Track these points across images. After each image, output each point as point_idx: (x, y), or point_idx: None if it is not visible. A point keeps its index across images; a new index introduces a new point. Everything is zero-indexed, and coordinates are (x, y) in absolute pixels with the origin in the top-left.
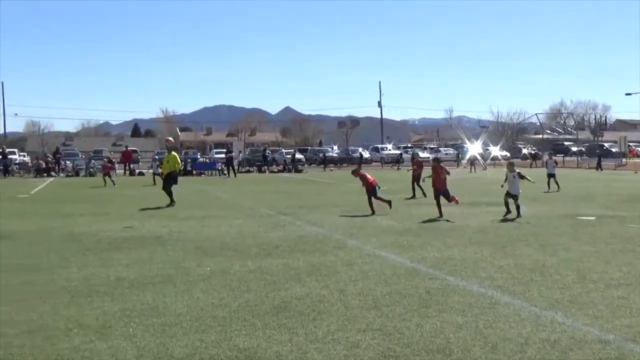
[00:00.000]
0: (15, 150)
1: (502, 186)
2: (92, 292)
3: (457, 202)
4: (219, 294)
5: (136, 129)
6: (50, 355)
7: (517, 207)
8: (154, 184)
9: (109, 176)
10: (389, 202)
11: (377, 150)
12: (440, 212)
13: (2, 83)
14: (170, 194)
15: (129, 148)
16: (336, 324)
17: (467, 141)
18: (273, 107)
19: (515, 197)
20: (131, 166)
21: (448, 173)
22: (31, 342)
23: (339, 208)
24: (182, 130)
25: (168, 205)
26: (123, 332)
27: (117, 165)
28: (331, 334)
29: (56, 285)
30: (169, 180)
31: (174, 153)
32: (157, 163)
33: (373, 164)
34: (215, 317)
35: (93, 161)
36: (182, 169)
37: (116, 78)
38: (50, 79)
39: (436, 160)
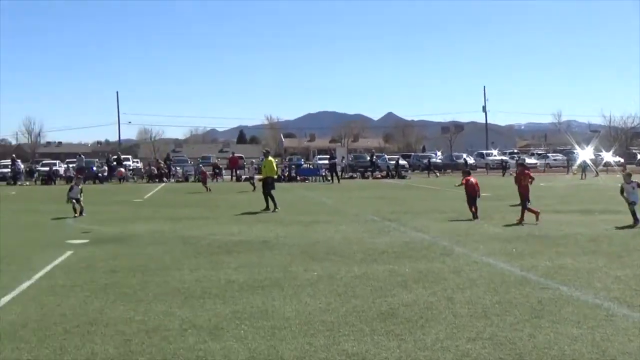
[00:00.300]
0: (129, 156)
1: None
2: (204, 294)
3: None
4: (326, 298)
5: (242, 136)
6: (167, 354)
7: (634, 214)
8: (254, 189)
9: (204, 183)
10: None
11: (481, 156)
12: (523, 216)
13: (117, 92)
14: (267, 199)
15: (235, 154)
16: (445, 332)
17: (577, 147)
18: (375, 113)
19: (633, 203)
20: (237, 172)
21: (532, 179)
22: (149, 340)
23: (444, 214)
24: (286, 136)
25: (264, 210)
26: (234, 333)
27: (224, 172)
28: (440, 341)
29: (170, 287)
30: (267, 186)
31: (270, 158)
32: (255, 167)
33: (478, 170)
34: (324, 321)
35: (201, 167)
36: (277, 175)
37: (223, 86)
38: (161, 87)
39: (521, 165)
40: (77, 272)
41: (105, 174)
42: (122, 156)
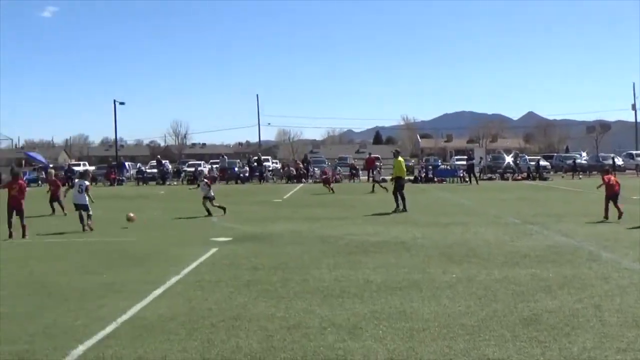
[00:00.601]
0: (269, 157)
1: None
2: (343, 293)
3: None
4: (465, 301)
5: (378, 136)
6: (308, 351)
7: None
8: (387, 190)
9: (327, 184)
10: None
11: (631, 156)
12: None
13: (257, 95)
14: (397, 199)
15: (372, 155)
16: (592, 341)
17: None
18: (515, 113)
19: None
20: (374, 173)
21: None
22: (290, 337)
23: (588, 217)
24: (422, 137)
25: (393, 211)
26: (373, 333)
27: (360, 172)
28: (587, 351)
29: (309, 285)
30: (396, 186)
31: (400, 159)
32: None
33: (627, 171)
34: (463, 325)
35: (339, 168)
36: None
37: (359, 87)
38: (299, 89)
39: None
40: (222, 269)
41: (247, 174)
42: (262, 157)
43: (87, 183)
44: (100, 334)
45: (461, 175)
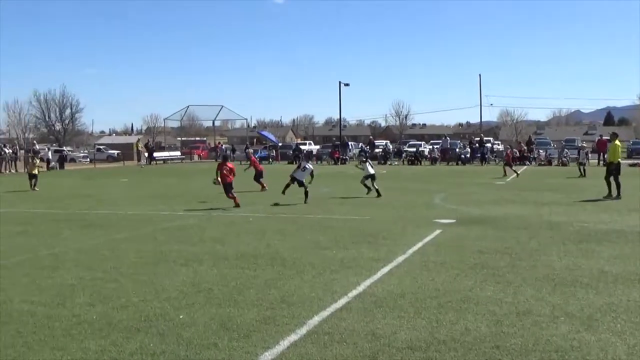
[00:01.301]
0: (490, 138)
1: None
2: (575, 282)
3: None
4: None
5: (609, 117)
6: (540, 339)
7: None
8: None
9: (510, 166)
10: None
11: None
12: None
13: (480, 75)
14: (609, 185)
15: (603, 137)
16: None
17: None
18: None
19: None
20: (605, 156)
21: None
22: (520, 323)
23: None
24: None
25: (605, 197)
26: (610, 326)
27: (590, 156)
28: None
29: (538, 272)
30: (609, 171)
31: (617, 142)
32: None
33: None
34: None
35: (566, 150)
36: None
37: (588, 65)
38: (523, 68)
39: None
40: (447, 250)
41: (468, 155)
42: (484, 138)
43: (311, 167)
44: (333, 306)
45: None
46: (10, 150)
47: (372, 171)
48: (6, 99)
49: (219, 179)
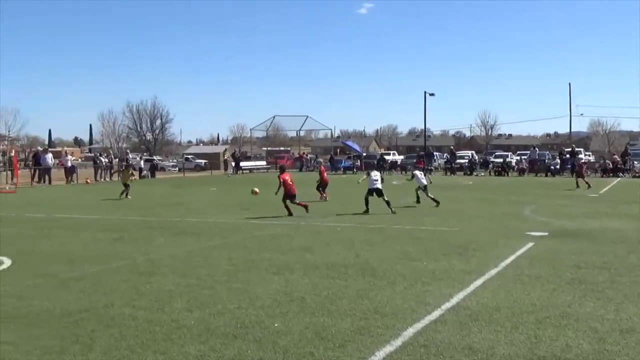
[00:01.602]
0: (581, 149)
1: None
2: None
3: None
4: None
5: None
6: None
7: None
8: None
9: (582, 177)
10: None
11: None
12: None
13: (570, 84)
14: None
15: None
16: None
17: None
18: None
19: None
20: None
21: None
22: (624, 341)
23: None
24: None
25: None
26: None
27: None
28: None
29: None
30: None
31: None
32: None
33: None
34: None
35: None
36: None
37: None
38: (616, 77)
39: None
40: (541, 264)
41: (557, 166)
42: (576, 149)
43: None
44: (427, 318)
45: None
46: (107, 160)
47: (424, 182)
48: (101, 109)
49: (287, 189)
